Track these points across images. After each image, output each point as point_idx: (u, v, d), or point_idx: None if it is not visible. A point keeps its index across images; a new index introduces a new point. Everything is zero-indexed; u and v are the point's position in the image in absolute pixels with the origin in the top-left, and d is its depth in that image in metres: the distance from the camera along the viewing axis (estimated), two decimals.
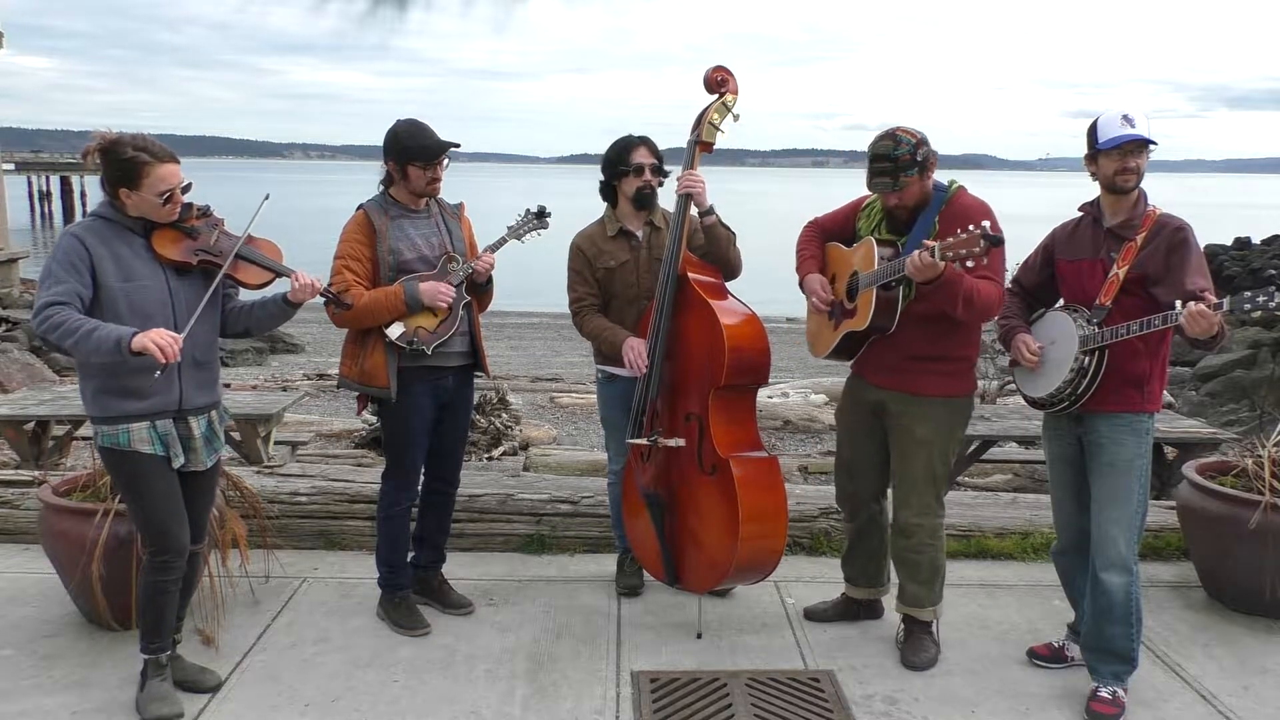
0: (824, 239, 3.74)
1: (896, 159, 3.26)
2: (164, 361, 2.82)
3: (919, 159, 3.28)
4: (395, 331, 3.57)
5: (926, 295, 3.28)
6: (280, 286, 3.26)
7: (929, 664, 3.57)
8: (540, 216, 3.81)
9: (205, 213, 3.18)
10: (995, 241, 3.03)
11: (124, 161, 2.96)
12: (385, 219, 3.64)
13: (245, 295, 3.35)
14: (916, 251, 3.16)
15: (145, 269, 3.04)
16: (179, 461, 3.13)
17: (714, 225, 3.74)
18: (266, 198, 3.33)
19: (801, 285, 3.71)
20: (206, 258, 3.11)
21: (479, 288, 3.78)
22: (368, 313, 3.54)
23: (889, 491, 3.75)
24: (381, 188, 3.72)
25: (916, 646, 3.61)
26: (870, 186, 3.37)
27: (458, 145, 3.62)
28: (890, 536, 3.71)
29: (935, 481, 3.55)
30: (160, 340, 2.82)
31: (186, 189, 3.07)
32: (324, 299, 3.35)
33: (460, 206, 3.90)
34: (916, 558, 3.58)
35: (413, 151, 3.59)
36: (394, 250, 3.61)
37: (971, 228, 3.05)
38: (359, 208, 3.71)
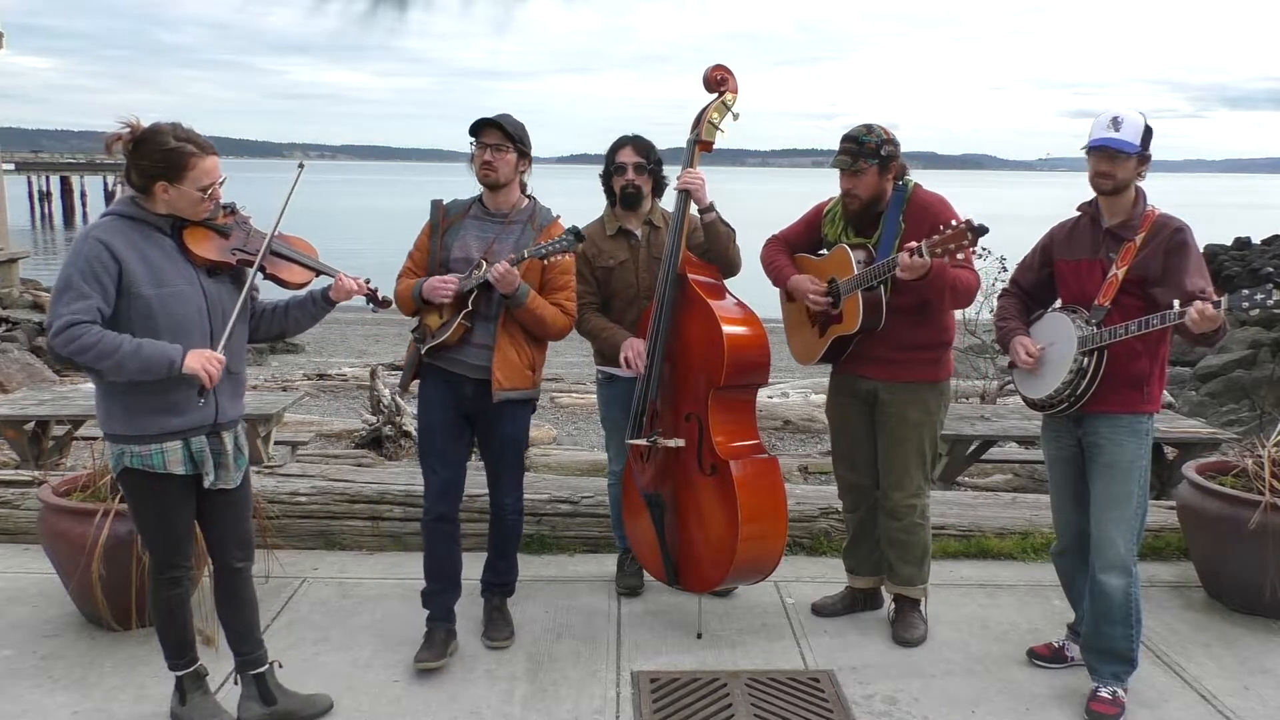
0: (789, 251, 3.84)
1: (863, 144, 3.47)
2: (208, 388, 2.73)
3: (882, 153, 3.47)
4: (414, 322, 3.65)
5: (912, 289, 3.39)
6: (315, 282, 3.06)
7: (920, 640, 3.74)
8: (577, 237, 3.47)
9: (232, 210, 2.98)
10: (981, 231, 3.17)
11: (168, 152, 2.72)
12: (457, 216, 3.61)
13: (274, 295, 3.14)
14: (905, 253, 3.27)
15: (177, 272, 2.80)
16: (210, 479, 2.92)
17: (713, 222, 3.75)
18: (301, 167, 3.16)
19: (787, 290, 3.79)
20: (245, 256, 2.90)
21: (510, 300, 3.44)
22: (400, 301, 3.57)
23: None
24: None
25: (908, 624, 3.79)
26: (833, 163, 3.56)
27: (497, 125, 3.43)
28: (881, 519, 3.80)
29: (924, 463, 3.71)
30: (210, 366, 2.71)
31: (221, 184, 2.86)
32: (365, 298, 3.14)
33: (554, 217, 3.63)
34: (908, 538, 3.73)
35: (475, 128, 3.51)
36: (446, 246, 3.58)
37: (954, 222, 3.20)
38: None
